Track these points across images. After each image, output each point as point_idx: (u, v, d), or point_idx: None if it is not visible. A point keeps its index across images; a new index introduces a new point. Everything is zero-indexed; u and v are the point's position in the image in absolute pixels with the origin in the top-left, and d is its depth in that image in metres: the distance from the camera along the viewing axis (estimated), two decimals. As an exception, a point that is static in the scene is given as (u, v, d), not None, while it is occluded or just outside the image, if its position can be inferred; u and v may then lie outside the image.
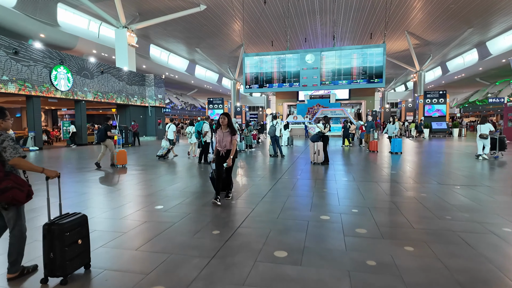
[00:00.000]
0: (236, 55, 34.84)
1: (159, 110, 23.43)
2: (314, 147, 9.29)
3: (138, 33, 28.53)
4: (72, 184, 6.64)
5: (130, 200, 5.29)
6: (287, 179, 6.98)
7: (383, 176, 7.34)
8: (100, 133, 9.16)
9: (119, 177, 7.61)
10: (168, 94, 40.70)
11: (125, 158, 9.34)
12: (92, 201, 5.23)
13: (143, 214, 4.49)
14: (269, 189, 5.96)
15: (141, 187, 6.38)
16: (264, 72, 18.97)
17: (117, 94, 19.85)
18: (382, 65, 17.35)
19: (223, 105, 28.02)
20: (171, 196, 5.53)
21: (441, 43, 31.76)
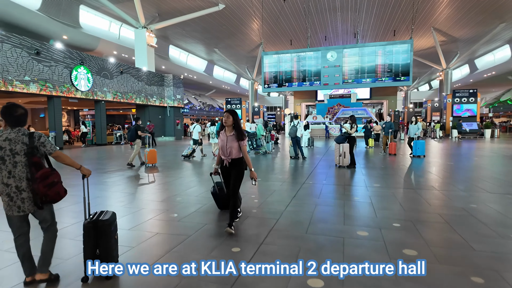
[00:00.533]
0: (254, 55, 34.38)
1: (178, 110, 23.27)
2: (340, 149, 8.60)
3: (157, 34, 28.61)
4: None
5: (144, 206, 4.84)
6: (312, 185, 6.36)
7: (419, 182, 6.59)
8: (130, 133, 9.24)
9: (139, 177, 7.23)
10: (186, 94, 40.77)
11: (154, 157, 9.31)
12: (103, 206, 4.81)
13: (155, 224, 4.01)
14: (293, 196, 5.37)
15: (157, 191, 5.94)
16: (283, 71, 18.34)
17: (136, 94, 19.77)
18: (409, 62, 16.34)
19: (241, 105, 27.58)
20: (188, 202, 5.05)
21: (470, 39, 30.01)
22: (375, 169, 8.41)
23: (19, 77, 13.14)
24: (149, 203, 5.04)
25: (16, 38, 13.05)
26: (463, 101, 22.27)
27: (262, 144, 11.98)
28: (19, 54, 13.13)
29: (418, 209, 4.57)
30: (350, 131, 8.59)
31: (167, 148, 15.89)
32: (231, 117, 3.64)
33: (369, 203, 4.92)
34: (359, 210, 4.53)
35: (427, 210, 4.52)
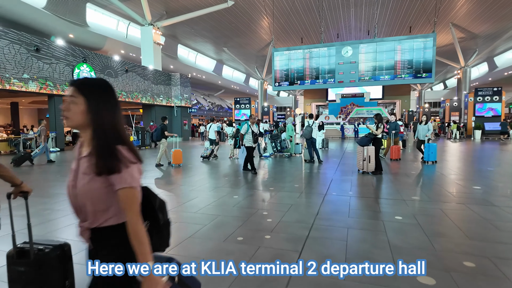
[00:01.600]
0: (264, 54, 33.27)
1: (185, 110, 22.32)
2: (364, 152, 7.42)
3: (165, 33, 27.81)
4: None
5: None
6: (336, 197, 5.21)
7: (466, 194, 5.36)
8: (157, 133, 8.95)
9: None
10: (195, 95, 39.94)
11: (180, 158, 9.10)
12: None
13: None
14: (316, 214, 4.23)
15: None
16: (295, 68, 17.17)
17: (142, 94, 18.90)
18: (432, 58, 14.98)
19: (250, 105, 26.49)
20: (193, 218, 3.97)
21: (490, 35, 28.24)
22: (402, 176, 7.19)
23: (17, 74, 12.33)
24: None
25: (14, 33, 12.26)
26: (486, 99, 20.67)
27: (287, 146, 10.84)
28: (17, 50, 12.32)
29: (486, 236, 3.38)
30: (376, 132, 7.40)
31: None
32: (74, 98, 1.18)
33: (416, 224, 3.75)
34: (407, 237, 3.37)
35: (500, 238, 3.33)
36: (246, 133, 7.89)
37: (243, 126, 8.05)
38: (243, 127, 8.01)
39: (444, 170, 7.91)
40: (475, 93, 21.12)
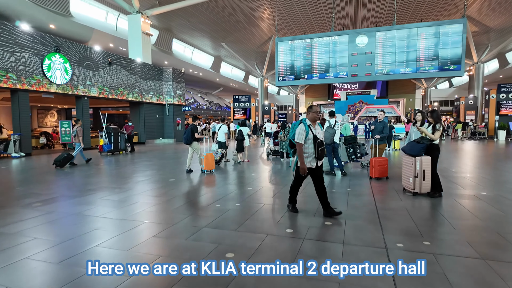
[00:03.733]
0: (265, 50, 30.91)
1: (178, 108, 19.89)
2: (416, 166, 5.07)
3: (160, 26, 25.47)
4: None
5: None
6: (405, 252, 2.85)
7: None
8: (186, 135, 7.80)
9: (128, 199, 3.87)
10: (192, 93, 37.51)
11: (212, 163, 7.95)
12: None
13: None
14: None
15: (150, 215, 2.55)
16: (301, 60, 14.81)
17: (128, 90, 16.49)
18: (462, 47, 12.64)
19: (250, 103, 24.15)
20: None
21: (505, 30, 25.94)
22: (475, 200, 4.84)
23: (-33, 64, 9.95)
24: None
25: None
26: (510, 97, 18.37)
27: (367, 152, 8.26)
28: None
29: None
30: (432, 136, 5.06)
31: (149, 154, 12.56)
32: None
33: None
34: None
35: None
36: (305, 141, 3.96)
37: (298, 127, 3.94)
38: (298, 130, 3.93)
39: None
40: (498, 90, 18.81)
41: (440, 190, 5.05)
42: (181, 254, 2.91)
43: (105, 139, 10.89)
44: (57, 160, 8.70)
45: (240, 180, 6.80)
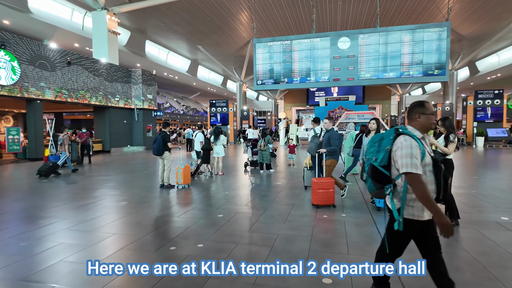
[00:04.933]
0: (243, 54, 29.86)
1: (149, 113, 18.26)
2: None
3: (131, 27, 23.79)
4: None
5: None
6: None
7: None
8: (157, 144, 6.64)
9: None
10: (168, 97, 35.70)
11: (189, 176, 6.84)
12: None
13: None
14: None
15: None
16: (281, 62, 13.81)
17: (91, 93, 14.77)
18: (446, 51, 12.10)
19: (228, 108, 22.90)
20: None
21: (478, 38, 26.45)
22: (502, 230, 3.86)
23: None
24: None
25: None
26: (487, 103, 18.30)
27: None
28: None
29: None
30: (445, 149, 4.05)
31: (135, 163, 11.02)
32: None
33: None
34: None
35: None
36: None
37: (400, 142, 1.97)
38: (405, 149, 1.91)
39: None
40: (475, 96, 18.73)
41: (457, 216, 4.04)
42: None
43: (52, 149, 9.24)
44: (41, 170, 8.21)
45: (209, 201, 5.53)
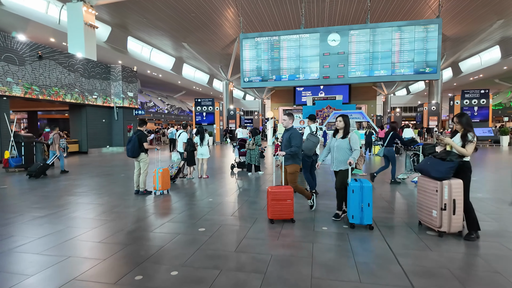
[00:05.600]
0: (229, 53, 29.08)
1: (130, 112, 17.21)
2: (443, 193, 3.45)
3: (112, 22, 22.66)
4: None
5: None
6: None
7: None
8: (132, 145, 5.77)
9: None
10: (151, 96, 34.45)
11: (168, 181, 6.00)
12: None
13: None
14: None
15: None
16: (269, 59, 13.18)
17: (66, 90, 13.68)
18: (437, 49, 11.79)
19: (214, 106, 22.09)
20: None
21: (461, 39, 26.64)
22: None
23: None
24: None
25: None
26: (473, 102, 18.27)
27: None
28: None
29: None
30: (463, 150, 3.49)
31: (112, 164, 10.10)
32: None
33: None
34: None
35: None
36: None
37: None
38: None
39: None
40: (462, 96, 18.68)
41: (477, 228, 3.48)
42: None
43: (14, 150, 8.25)
44: (31, 171, 7.74)
45: (190, 210, 4.80)
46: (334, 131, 4.36)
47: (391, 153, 6.72)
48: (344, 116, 4.23)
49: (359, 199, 3.76)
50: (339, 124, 4.21)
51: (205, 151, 7.53)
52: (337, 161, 4.14)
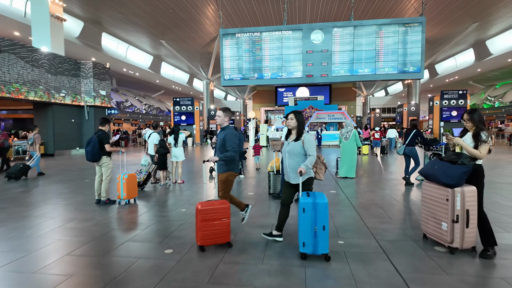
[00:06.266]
0: (210, 51, 28.24)
1: (102, 111, 16.01)
2: (455, 203, 2.93)
3: (85, 17, 21.31)
4: None
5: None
6: None
7: None
8: (91, 147, 4.91)
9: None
10: (128, 95, 32.97)
11: (135, 188, 5.14)
12: None
13: None
14: None
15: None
16: (250, 56, 12.55)
17: (29, 87, 12.43)
18: (421, 47, 11.57)
19: (194, 106, 21.21)
20: None
21: (437, 41, 27.18)
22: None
23: None
24: None
25: None
26: (452, 103, 18.46)
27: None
28: None
29: None
30: (477, 152, 2.98)
31: (77, 169, 9.09)
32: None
33: None
34: None
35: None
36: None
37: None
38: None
39: None
40: (441, 96, 18.83)
41: (493, 243, 2.97)
42: None
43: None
44: (10, 173, 7.48)
45: (158, 224, 4.06)
46: (286, 132, 3.51)
47: (414, 152, 6.37)
48: (296, 113, 3.31)
49: (312, 221, 2.84)
50: (291, 123, 3.28)
51: (180, 153, 6.76)
52: (291, 171, 3.22)
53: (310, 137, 3.22)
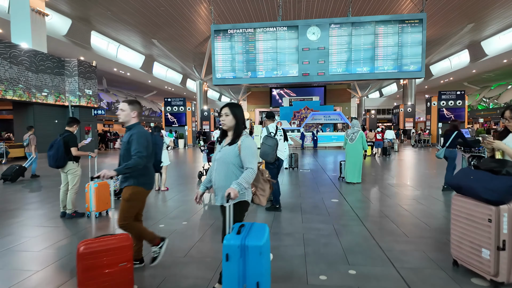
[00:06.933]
0: (203, 51, 27.50)
1: (88, 111, 15.14)
2: (502, 224, 2.27)
3: (73, 15, 20.47)
4: None
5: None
6: None
7: None
8: (55, 151, 4.18)
9: None
10: (118, 96, 32.05)
11: (107, 199, 4.37)
12: None
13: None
14: None
15: None
16: (243, 53, 11.88)
17: (6, 85, 11.56)
18: (421, 45, 11.02)
19: (186, 107, 20.45)
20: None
21: (432, 42, 26.85)
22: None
23: None
24: None
25: None
26: (450, 104, 18.01)
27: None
28: None
29: None
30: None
31: (49, 176, 8.29)
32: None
33: None
34: None
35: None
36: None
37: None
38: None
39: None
40: (439, 97, 18.37)
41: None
42: None
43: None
44: (6, 174, 7.36)
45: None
46: (220, 133, 2.38)
47: (454, 154, 5.87)
48: (233, 106, 2.25)
49: (240, 273, 1.80)
50: (226, 121, 2.23)
51: (164, 157, 6.04)
52: (218, 188, 2.21)
53: (250, 141, 2.19)
